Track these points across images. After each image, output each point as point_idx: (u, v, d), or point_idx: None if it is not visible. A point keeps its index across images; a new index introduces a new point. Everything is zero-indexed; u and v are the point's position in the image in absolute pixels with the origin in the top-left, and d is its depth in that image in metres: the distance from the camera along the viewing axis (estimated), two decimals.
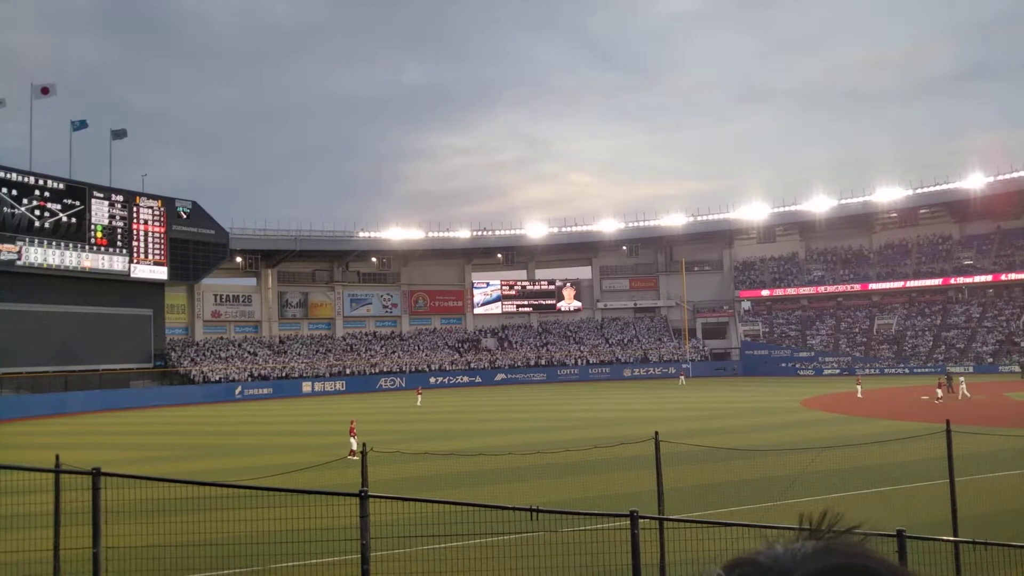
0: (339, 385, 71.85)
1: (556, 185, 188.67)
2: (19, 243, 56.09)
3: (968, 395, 42.87)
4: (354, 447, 24.68)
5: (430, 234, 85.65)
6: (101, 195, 62.13)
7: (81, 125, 61.98)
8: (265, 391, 67.78)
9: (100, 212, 61.84)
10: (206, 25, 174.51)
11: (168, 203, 67.54)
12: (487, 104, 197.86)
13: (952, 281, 77.73)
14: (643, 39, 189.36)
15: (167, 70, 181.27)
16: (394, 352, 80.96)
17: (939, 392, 42.23)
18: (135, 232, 64.51)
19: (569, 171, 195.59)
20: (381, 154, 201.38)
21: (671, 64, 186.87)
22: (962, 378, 45.65)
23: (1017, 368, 63.03)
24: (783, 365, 77.00)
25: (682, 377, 70.17)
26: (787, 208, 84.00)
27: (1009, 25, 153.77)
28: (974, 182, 73.19)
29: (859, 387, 47.94)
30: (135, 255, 64.33)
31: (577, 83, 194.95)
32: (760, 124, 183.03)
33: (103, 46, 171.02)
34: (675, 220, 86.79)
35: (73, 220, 59.63)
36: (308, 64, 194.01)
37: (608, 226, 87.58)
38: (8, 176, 55.83)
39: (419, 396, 52.91)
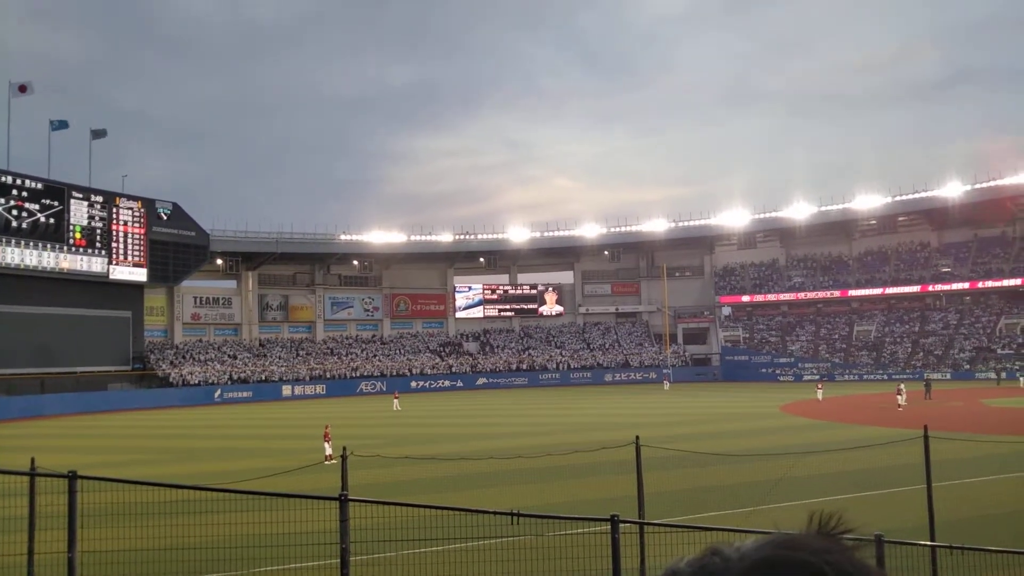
0: (319, 388, 71.46)
1: (540, 189, 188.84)
2: None
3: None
4: (329, 452, 24.61)
5: (412, 237, 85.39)
6: (80, 195, 61.47)
7: (61, 125, 61.28)
8: (245, 394, 67.29)
9: (79, 213, 61.18)
10: (189, 21, 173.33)
11: (148, 204, 66.93)
12: (473, 107, 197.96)
13: (930, 288, 78.45)
14: (630, 42, 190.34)
15: (149, 67, 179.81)
16: (375, 356, 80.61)
17: (899, 399, 41.12)
18: (114, 233, 63.85)
19: (553, 175, 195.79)
20: (365, 156, 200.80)
21: (658, 67, 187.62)
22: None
23: (993, 375, 63.75)
24: (763, 371, 77.43)
25: (666, 382, 70.50)
26: (768, 215, 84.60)
27: (995, 29, 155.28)
28: (952, 190, 74.05)
29: (819, 391, 50.09)
30: (114, 256, 63.67)
31: (563, 86, 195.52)
32: (745, 128, 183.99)
33: (84, 42, 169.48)
34: (657, 226, 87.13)
35: (51, 221, 58.96)
36: (292, 63, 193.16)
37: (590, 231, 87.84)
38: None
39: (396, 400, 52.54)
